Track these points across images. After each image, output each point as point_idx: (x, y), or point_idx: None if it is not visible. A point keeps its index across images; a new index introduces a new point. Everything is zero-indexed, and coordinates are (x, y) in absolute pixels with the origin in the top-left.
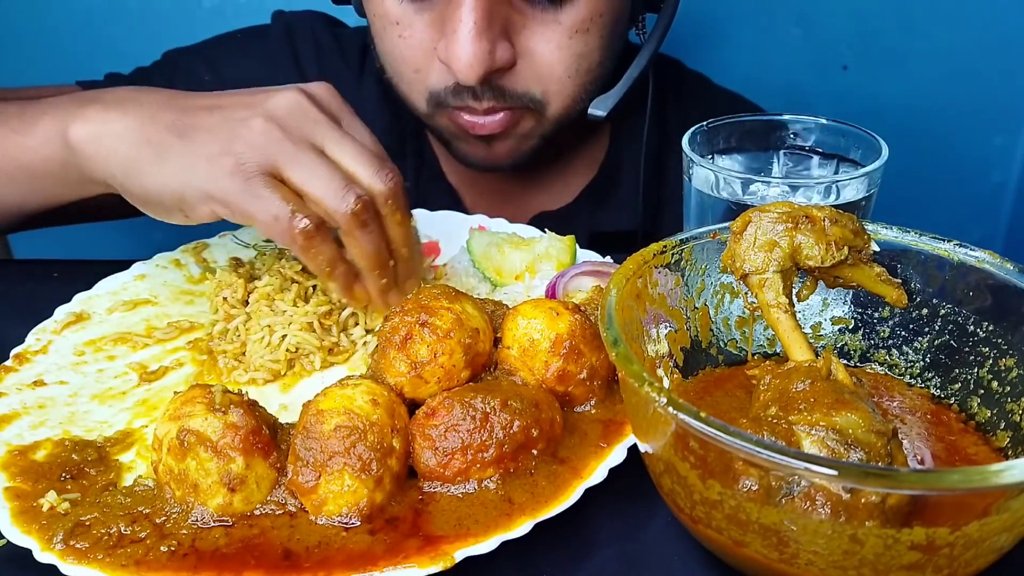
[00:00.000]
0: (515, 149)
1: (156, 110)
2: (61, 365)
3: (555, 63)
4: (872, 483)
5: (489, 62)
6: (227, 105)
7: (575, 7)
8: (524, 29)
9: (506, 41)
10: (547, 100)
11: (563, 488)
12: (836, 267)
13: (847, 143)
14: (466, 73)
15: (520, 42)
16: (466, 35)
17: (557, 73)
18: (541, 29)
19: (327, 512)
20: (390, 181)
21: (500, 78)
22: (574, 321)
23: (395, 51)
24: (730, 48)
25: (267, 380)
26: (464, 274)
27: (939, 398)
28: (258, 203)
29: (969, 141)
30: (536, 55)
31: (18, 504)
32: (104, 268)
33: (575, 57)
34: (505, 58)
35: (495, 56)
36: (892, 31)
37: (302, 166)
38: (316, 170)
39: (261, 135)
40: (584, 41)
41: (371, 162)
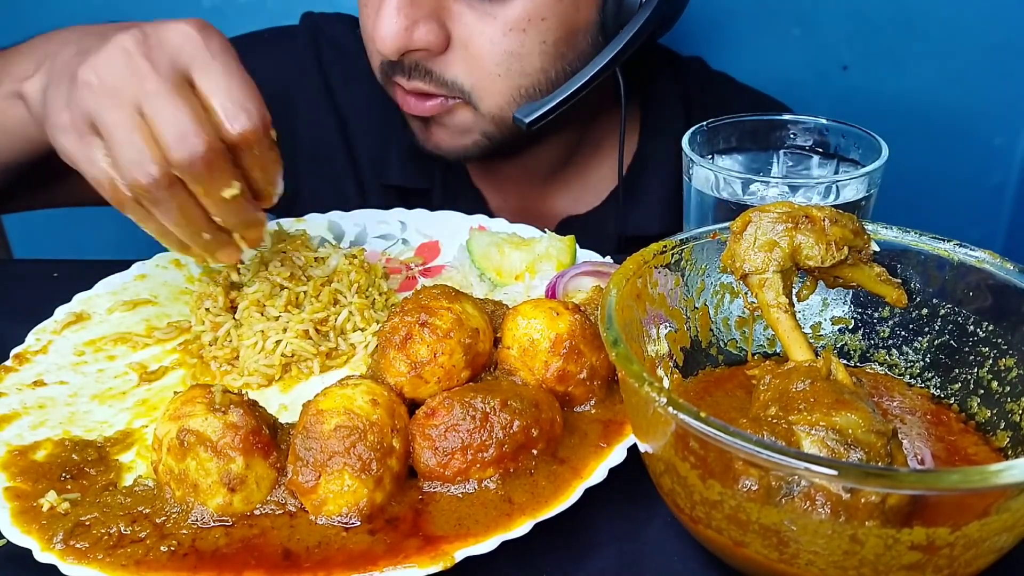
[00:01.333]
0: (454, 141)
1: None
2: (61, 365)
3: (486, 57)
4: (872, 483)
5: (404, 38)
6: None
7: (513, 4)
8: (459, 17)
9: (434, 23)
10: (478, 95)
11: (563, 488)
12: (836, 267)
13: (847, 143)
14: (380, 45)
15: (453, 29)
16: (387, 7)
17: (487, 68)
18: (475, 20)
19: (327, 512)
20: (186, 154)
21: (428, 61)
22: (574, 321)
23: (361, 19)
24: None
25: (261, 384)
26: (464, 274)
27: (939, 398)
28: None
29: (969, 141)
30: (468, 46)
31: (18, 504)
32: (104, 268)
33: (507, 55)
34: (428, 40)
35: (412, 34)
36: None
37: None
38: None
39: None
40: (519, 41)
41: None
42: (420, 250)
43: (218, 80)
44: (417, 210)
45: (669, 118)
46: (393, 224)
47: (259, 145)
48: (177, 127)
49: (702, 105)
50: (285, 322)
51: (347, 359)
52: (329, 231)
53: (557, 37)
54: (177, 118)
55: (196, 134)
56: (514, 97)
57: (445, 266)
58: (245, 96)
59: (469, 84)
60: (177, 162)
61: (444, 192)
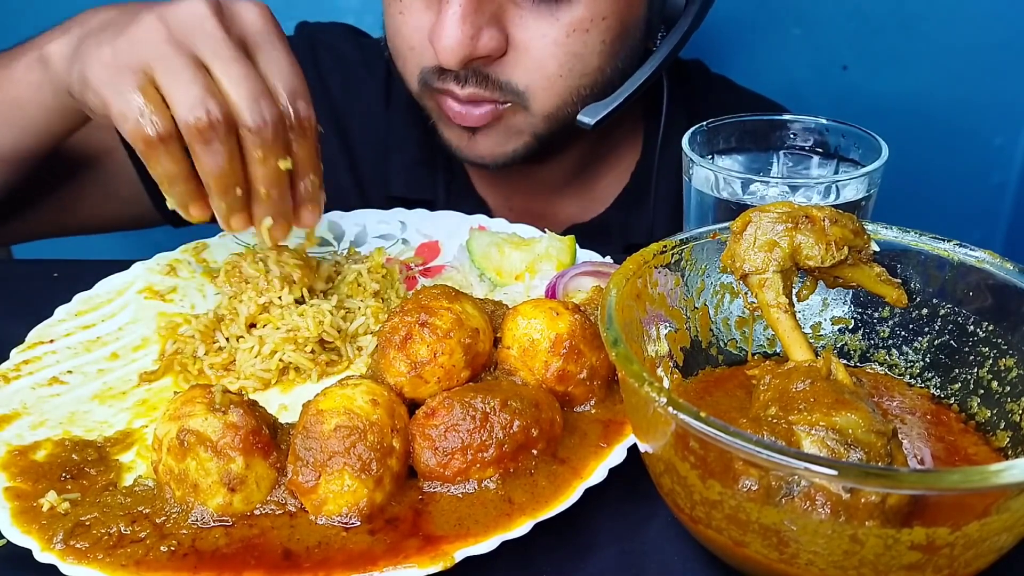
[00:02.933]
0: (499, 146)
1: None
2: (62, 365)
3: (548, 59)
4: (872, 483)
5: (470, 47)
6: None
7: (574, 5)
8: (520, 21)
9: (495, 29)
10: (531, 94)
11: (563, 488)
12: (836, 267)
13: (847, 143)
14: (445, 56)
15: (514, 33)
16: (450, 18)
17: (549, 69)
18: (536, 23)
19: (327, 512)
20: (260, 116)
21: (487, 66)
22: (574, 321)
23: (394, 27)
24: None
25: (256, 388)
26: (464, 274)
27: (939, 398)
28: (116, 97)
29: (969, 141)
30: (530, 49)
31: (18, 504)
32: (104, 268)
33: (570, 56)
34: (491, 46)
35: (478, 42)
36: (892, 31)
37: (169, 71)
38: (180, 78)
39: (145, 33)
40: (582, 41)
41: (250, 91)
42: (420, 250)
43: (281, 65)
44: (417, 210)
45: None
46: (393, 224)
47: (311, 136)
48: (254, 92)
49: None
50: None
51: (346, 366)
52: (329, 231)
53: (615, 36)
54: (253, 84)
55: (270, 100)
56: (573, 97)
57: (445, 266)
58: (304, 86)
59: (524, 85)
60: (251, 124)
61: (448, 203)
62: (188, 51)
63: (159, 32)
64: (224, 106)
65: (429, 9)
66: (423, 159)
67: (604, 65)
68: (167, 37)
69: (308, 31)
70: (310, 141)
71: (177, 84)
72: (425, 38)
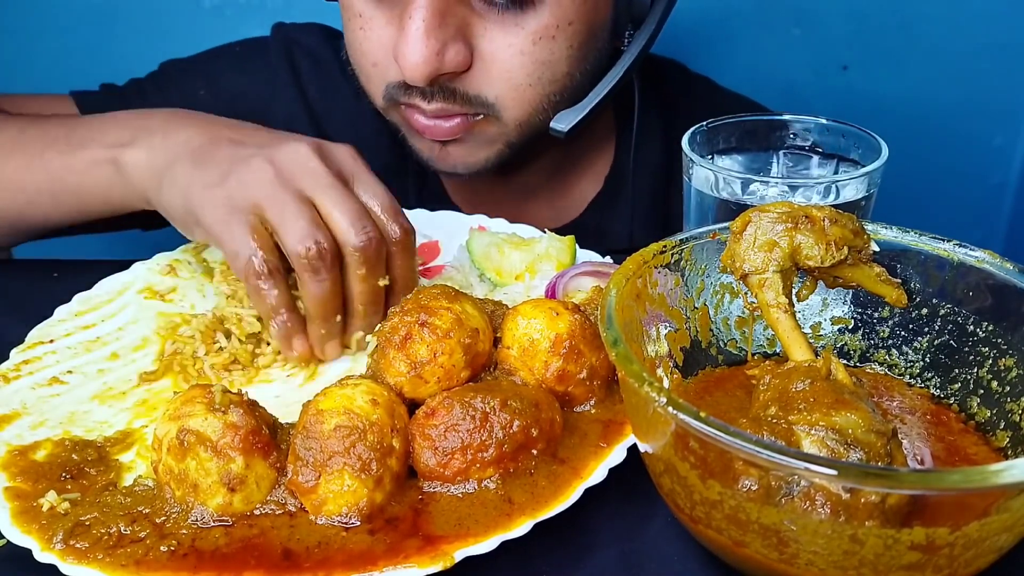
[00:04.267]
0: (471, 155)
1: (191, 137)
2: (62, 365)
3: (515, 69)
4: (872, 483)
5: (436, 63)
6: (245, 142)
7: (539, 13)
8: (484, 32)
9: (460, 43)
10: (501, 105)
11: (563, 488)
12: (836, 267)
13: (847, 143)
14: (411, 72)
15: (478, 45)
16: (414, 34)
17: (517, 80)
18: (502, 34)
19: (327, 512)
20: (364, 235)
21: (452, 81)
22: (574, 321)
23: (355, 43)
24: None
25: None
26: (464, 274)
27: (939, 398)
28: (228, 235)
29: (969, 141)
30: (496, 60)
31: (18, 504)
32: (104, 268)
33: (538, 64)
34: (457, 61)
35: (444, 58)
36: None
37: (278, 209)
38: (288, 213)
39: (255, 174)
40: (549, 49)
41: (352, 213)
42: (420, 250)
43: (376, 190)
44: (417, 210)
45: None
46: None
47: (410, 251)
48: (353, 214)
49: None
50: None
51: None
52: None
53: (582, 40)
54: (353, 207)
55: (369, 219)
56: (543, 104)
57: (445, 266)
58: (398, 205)
59: (493, 96)
60: (355, 243)
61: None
62: (294, 188)
63: (267, 173)
64: (330, 237)
65: (391, 24)
66: (393, 165)
67: (573, 70)
68: (274, 177)
69: (284, 32)
70: (409, 257)
71: (285, 219)
72: (388, 53)
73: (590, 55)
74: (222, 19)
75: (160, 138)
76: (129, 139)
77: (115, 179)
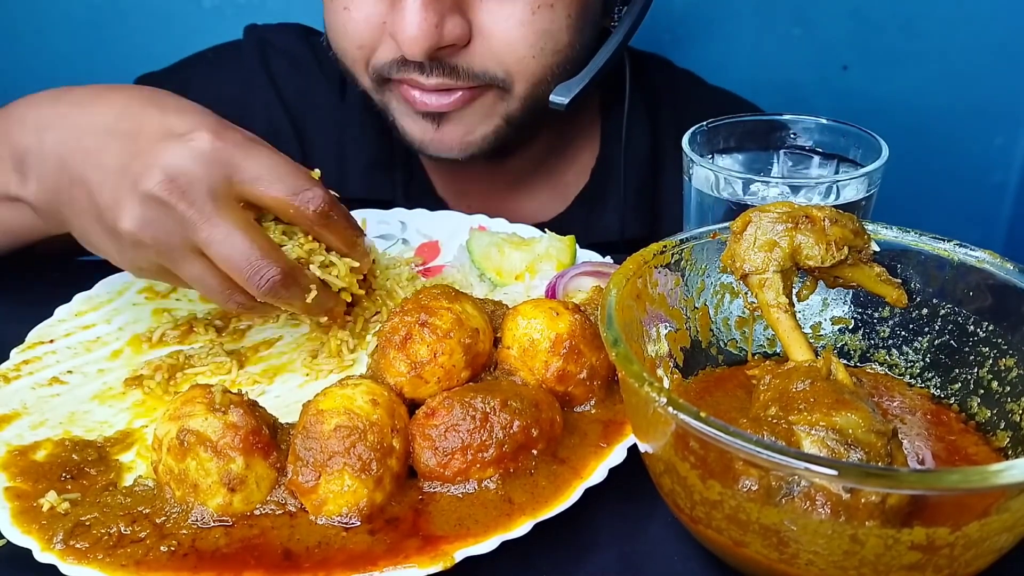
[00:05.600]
0: (469, 132)
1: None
2: (62, 365)
3: (517, 40)
4: (872, 483)
5: (436, 36)
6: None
7: None
8: (481, 4)
9: (458, 16)
10: (511, 80)
11: (563, 488)
12: (836, 267)
13: (847, 143)
14: (410, 46)
15: (477, 18)
16: (411, 6)
17: (520, 52)
18: (500, 5)
19: (327, 512)
20: (264, 284)
21: (452, 56)
22: (574, 321)
23: (339, 25)
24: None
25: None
26: (464, 274)
27: (939, 398)
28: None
29: (969, 141)
30: (496, 33)
31: (18, 504)
32: (104, 268)
33: (539, 34)
34: (456, 34)
35: (443, 31)
36: (892, 31)
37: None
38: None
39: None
40: (549, 17)
41: (243, 267)
42: (420, 250)
43: (268, 173)
44: (417, 210)
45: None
46: (393, 224)
47: (336, 212)
48: (248, 265)
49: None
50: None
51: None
52: None
53: (579, 9)
54: (244, 255)
55: (267, 264)
56: (547, 76)
57: (445, 266)
58: (299, 176)
59: (502, 71)
60: (262, 296)
61: (407, 203)
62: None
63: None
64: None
65: (380, 1)
66: (379, 160)
67: (573, 40)
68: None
69: (258, 34)
70: (340, 218)
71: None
72: (376, 31)
73: (586, 28)
74: (222, 19)
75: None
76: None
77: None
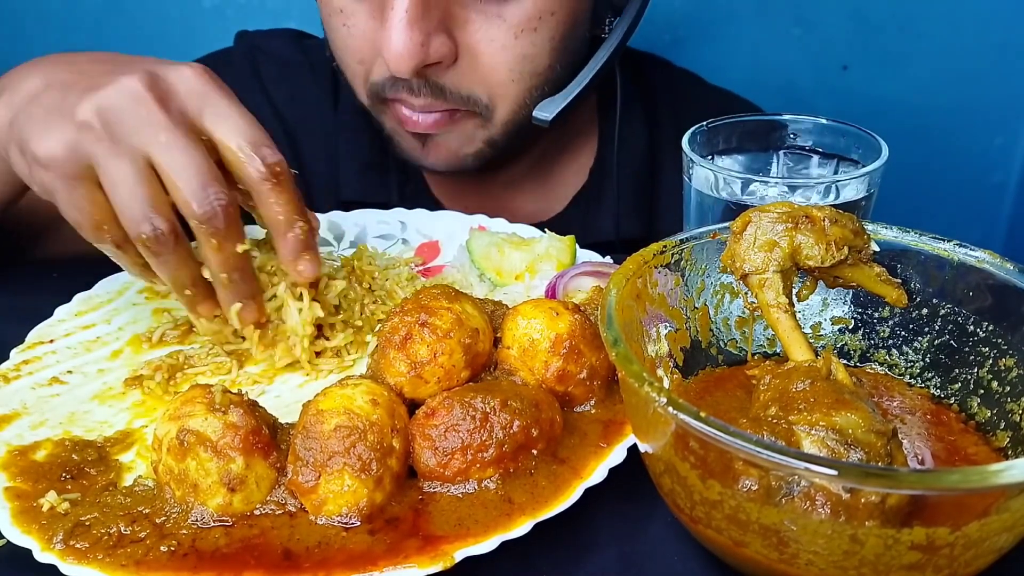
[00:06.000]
0: (452, 153)
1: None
2: (62, 365)
3: (498, 63)
4: (872, 483)
5: (421, 54)
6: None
7: (521, 4)
8: (467, 24)
9: (444, 34)
10: (493, 104)
11: (563, 488)
12: (836, 267)
13: (847, 143)
14: (396, 64)
15: (462, 38)
16: (397, 24)
17: (500, 75)
18: (485, 26)
19: (327, 512)
20: (208, 206)
21: (439, 74)
22: (574, 321)
23: (338, 40)
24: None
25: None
26: (464, 274)
27: (939, 398)
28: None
29: (969, 141)
30: (479, 54)
31: (18, 504)
32: (104, 268)
33: (520, 58)
34: (442, 52)
35: (428, 49)
36: (892, 31)
37: (109, 179)
38: (121, 186)
39: (80, 129)
40: (531, 41)
41: (195, 179)
42: (420, 250)
43: (232, 120)
44: (417, 210)
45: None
46: (393, 224)
47: (286, 182)
48: (199, 179)
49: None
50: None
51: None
52: (329, 231)
53: (564, 31)
54: (198, 170)
55: (217, 186)
56: (527, 100)
57: (445, 266)
58: (262, 134)
59: (485, 95)
60: (199, 215)
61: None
62: (127, 148)
63: (93, 129)
64: (169, 215)
65: (373, 17)
66: (375, 162)
67: (554, 62)
68: (104, 134)
69: (248, 40)
70: (287, 189)
71: (118, 196)
72: (372, 47)
73: (571, 46)
74: (222, 19)
75: (8, 95)
76: None
77: None
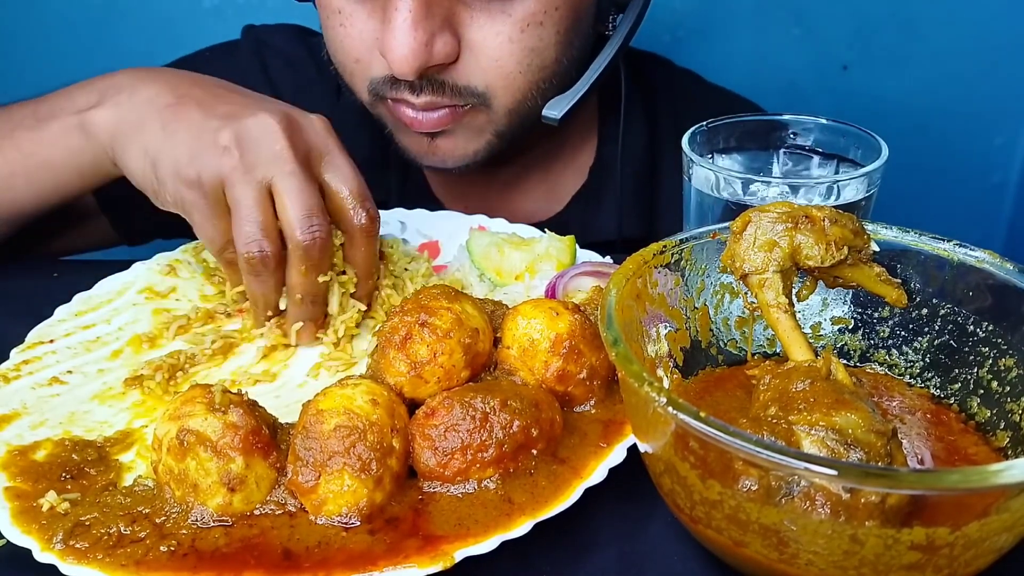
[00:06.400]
0: (460, 148)
1: (158, 94)
2: (62, 365)
3: (505, 57)
4: (872, 483)
5: (425, 55)
6: (213, 107)
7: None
8: (471, 22)
9: (448, 33)
10: (492, 94)
11: (563, 488)
12: (836, 267)
13: (847, 143)
14: (400, 65)
15: (466, 35)
16: (401, 26)
17: (507, 68)
18: (489, 22)
19: (327, 512)
20: (310, 234)
21: (441, 72)
22: (574, 321)
23: (336, 40)
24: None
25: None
26: (464, 274)
27: (939, 398)
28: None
29: (969, 141)
30: (484, 49)
31: (18, 504)
32: (104, 268)
33: (527, 51)
34: (446, 52)
35: (432, 49)
36: (892, 31)
37: (235, 199)
38: (242, 208)
39: (221, 160)
40: (537, 35)
41: (304, 208)
42: (420, 250)
43: (348, 172)
44: (417, 210)
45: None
46: (393, 224)
47: (376, 232)
48: (306, 210)
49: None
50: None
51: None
52: None
53: (569, 25)
54: (307, 202)
55: (321, 218)
56: (532, 92)
57: (445, 266)
58: (367, 189)
59: (483, 86)
60: (299, 241)
61: (402, 203)
62: (255, 175)
63: (231, 154)
64: (276, 241)
65: (372, 17)
66: (375, 159)
67: (561, 56)
68: (239, 163)
69: (255, 34)
70: (371, 245)
71: (238, 216)
72: (371, 47)
73: (576, 41)
74: (222, 19)
75: (127, 96)
76: (96, 100)
77: (84, 144)
